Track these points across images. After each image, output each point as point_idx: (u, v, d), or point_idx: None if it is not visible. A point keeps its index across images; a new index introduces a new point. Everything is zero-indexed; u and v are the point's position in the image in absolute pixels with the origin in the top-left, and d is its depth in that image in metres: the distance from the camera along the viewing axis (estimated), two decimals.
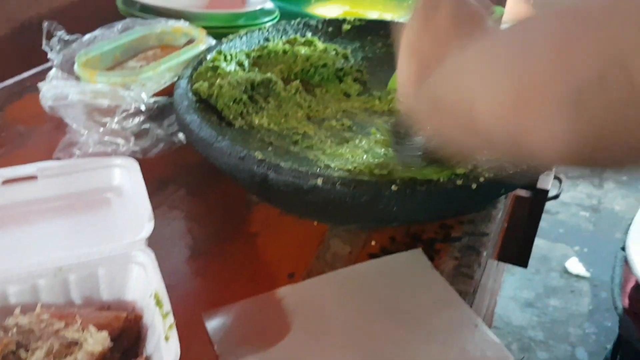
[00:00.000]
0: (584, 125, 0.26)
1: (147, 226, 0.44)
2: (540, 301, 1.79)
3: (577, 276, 1.87)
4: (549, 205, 2.07)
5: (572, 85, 0.25)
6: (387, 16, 0.94)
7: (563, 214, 2.15)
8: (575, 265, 1.90)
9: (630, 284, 0.62)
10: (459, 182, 0.46)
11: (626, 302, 0.63)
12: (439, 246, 0.52)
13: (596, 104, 0.25)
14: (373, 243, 0.52)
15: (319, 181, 0.46)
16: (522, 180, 0.50)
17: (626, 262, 0.67)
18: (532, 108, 0.27)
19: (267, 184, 0.47)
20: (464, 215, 0.55)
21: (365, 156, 0.55)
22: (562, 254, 1.96)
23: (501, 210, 0.57)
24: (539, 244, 1.98)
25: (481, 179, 0.47)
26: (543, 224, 2.12)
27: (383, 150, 0.56)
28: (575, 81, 0.25)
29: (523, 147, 0.29)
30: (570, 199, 2.24)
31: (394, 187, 0.45)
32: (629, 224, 0.69)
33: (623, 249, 0.71)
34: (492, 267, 0.86)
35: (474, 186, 0.46)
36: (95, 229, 0.50)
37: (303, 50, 0.70)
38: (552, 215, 2.14)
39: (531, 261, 1.98)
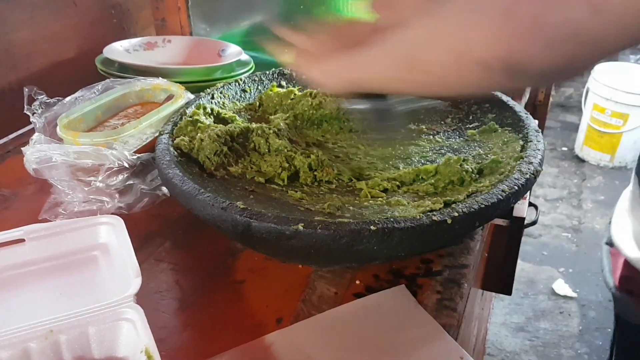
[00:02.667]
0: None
1: (135, 282, 0.45)
2: (531, 325, 1.80)
3: (565, 297, 1.89)
4: (531, 229, 2.11)
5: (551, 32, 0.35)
6: None
7: (546, 237, 2.19)
8: (561, 287, 1.93)
9: (619, 268, 0.65)
10: (435, 217, 0.48)
11: (618, 284, 0.67)
12: (421, 281, 0.53)
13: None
14: (357, 282, 0.54)
15: (301, 226, 0.47)
16: (496, 213, 0.52)
17: (612, 253, 0.70)
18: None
19: (250, 231, 0.49)
20: (443, 249, 0.57)
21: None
22: (548, 276, 1.99)
23: (479, 241, 0.60)
24: (525, 268, 2.00)
25: (455, 214, 0.49)
26: (527, 247, 2.15)
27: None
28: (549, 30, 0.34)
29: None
30: (551, 221, 2.28)
31: (372, 228, 0.47)
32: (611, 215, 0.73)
33: (607, 244, 0.74)
34: (477, 296, 0.88)
35: (449, 221, 0.48)
36: (84, 288, 0.51)
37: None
38: (535, 239, 2.17)
39: (519, 285, 2.01)
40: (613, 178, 2.58)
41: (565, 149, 2.85)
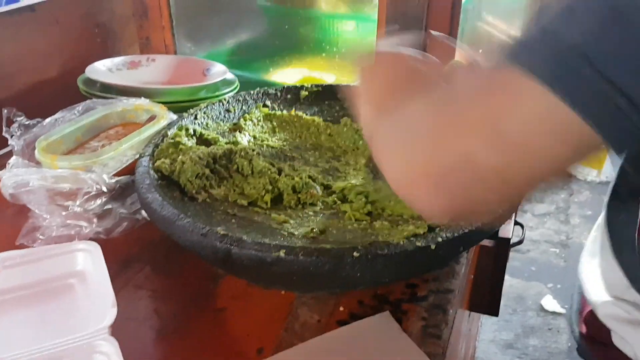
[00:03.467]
0: (446, 199, 0.33)
1: (110, 313, 0.44)
2: (520, 341, 1.79)
3: (554, 313, 1.89)
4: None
5: (437, 172, 0.32)
6: (343, 79, 0.98)
7: (534, 252, 2.19)
8: (550, 303, 1.92)
9: (587, 309, 0.63)
10: (419, 243, 0.48)
11: (583, 327, 0.64)
12: (406, 307, 0.52)
13: (453, 185, 0.32)
14: (341, 309, 0.52)
15: (282, 253, 0.46)
16: (480, 238, 0.51)
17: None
18: (414, 184, 0.34)
19: (231, 258, 0.48)
20: (428, 273, 0.57)
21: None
22: (537, 292, 1.98)
23: (464, 264, 0.59)
24: (514, 284, 2.00)
25: (439, 239, 0.48)
26: (515, 263, 2.14)
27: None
28: (440, 168, 0.32)
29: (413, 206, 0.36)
30: (539, 236, 2.28)
31: (355, 254, 0.46)
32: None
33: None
34: (465, 315, 0.87)
35: (433, 246, 0.48)
36: (58, 318, 0.49)
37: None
38: (523, 254, 2.17)
39: (507, 301, 1.99)
40: (600, 193, 2.59)
41: None
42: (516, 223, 0.87)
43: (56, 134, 0.67)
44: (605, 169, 2.61)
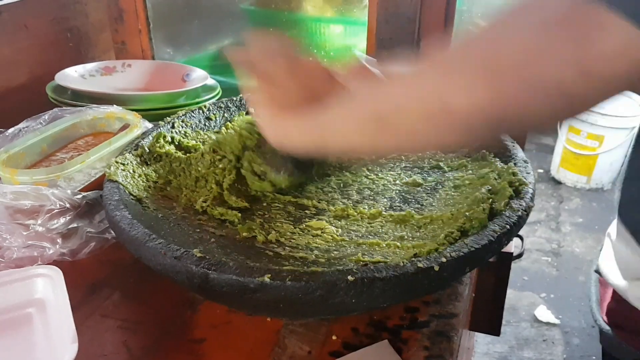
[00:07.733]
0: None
1: (70, 350, 0.38)
2: (514, 354, 1.74)
3: (548, 324, 1.85)
4: None
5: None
6: None
7: (525, 261, 2.15)
8: (544, 313, 1.88)
9: (607, 298, 0.63)
10: (420, 264, 0.42)
11: (605, 317, 0.64)
12: (406, 334, 0.47)
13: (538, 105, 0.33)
14: (334, 338, 0.47)
15: (267, 278, 0.41)
16: (487, 256, 0.46)
17: (600, 281, 0.67)
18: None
19: (209, 284, 0.42)
20: (428, 295, 0.51)
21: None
22: (530, 302, 1.94)
23: (468, 285, 0.54)
24: (507, 294, 1.96)
25: (443, 259, 0.43)
26: None
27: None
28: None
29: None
30: (531, 245, 2.25)
31: (350, 278, 0.41)
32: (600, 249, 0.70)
33: (597, 272, 0.70)
34: (466, 334, 0.82)
35: (436, 268, 0.43)
36: (14, 355, 0.43)
37: None
38: (515, 263, 2.13)
39: None
40: (590, 200, 2.57)
41: (541, 170, 2.84)
42: (516, 235, 0.83)
43: (18, 146, 0.61)
44: (595, 176, 2.60)
